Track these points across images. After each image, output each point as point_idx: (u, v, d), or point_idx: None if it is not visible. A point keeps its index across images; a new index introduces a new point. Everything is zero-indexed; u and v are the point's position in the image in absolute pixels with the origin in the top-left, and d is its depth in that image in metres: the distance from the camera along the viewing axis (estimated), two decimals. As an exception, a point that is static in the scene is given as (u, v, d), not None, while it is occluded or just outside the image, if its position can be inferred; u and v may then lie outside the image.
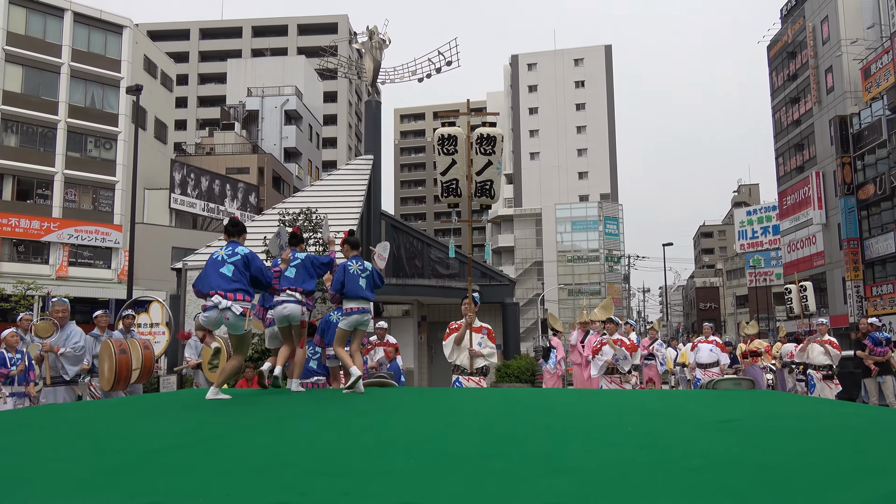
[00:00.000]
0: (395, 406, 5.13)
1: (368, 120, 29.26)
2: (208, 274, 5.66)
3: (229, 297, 5.53)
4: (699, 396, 6.06)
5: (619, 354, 9.50)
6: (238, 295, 5.59)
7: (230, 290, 5.56)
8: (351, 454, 2.83)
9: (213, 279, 5.60)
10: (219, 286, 5.54)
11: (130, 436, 3.50)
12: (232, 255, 5.75)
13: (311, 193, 26.32)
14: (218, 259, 5.75)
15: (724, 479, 2.28)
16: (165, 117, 43.01)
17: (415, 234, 29.02)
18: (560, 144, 69.62)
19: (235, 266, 5.67)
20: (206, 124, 63.02)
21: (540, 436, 3.42)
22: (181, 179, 40.56)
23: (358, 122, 74.05)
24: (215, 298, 5.52)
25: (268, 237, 19.57)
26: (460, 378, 7.43)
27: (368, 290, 6.43)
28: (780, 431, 3.54)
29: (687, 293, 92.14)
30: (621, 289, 63.69)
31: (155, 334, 14.54)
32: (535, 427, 3.75)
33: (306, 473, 2.43)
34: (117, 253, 35.61)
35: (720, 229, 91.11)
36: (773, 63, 47.75)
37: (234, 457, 2.82)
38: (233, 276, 5.61)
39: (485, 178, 7.85)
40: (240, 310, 5.56)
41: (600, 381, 9.59)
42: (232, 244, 5.89)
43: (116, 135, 36.69)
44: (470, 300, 7.47)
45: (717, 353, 13.16)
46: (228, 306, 5.51)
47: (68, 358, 8.00)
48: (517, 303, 28.34)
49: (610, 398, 5.81)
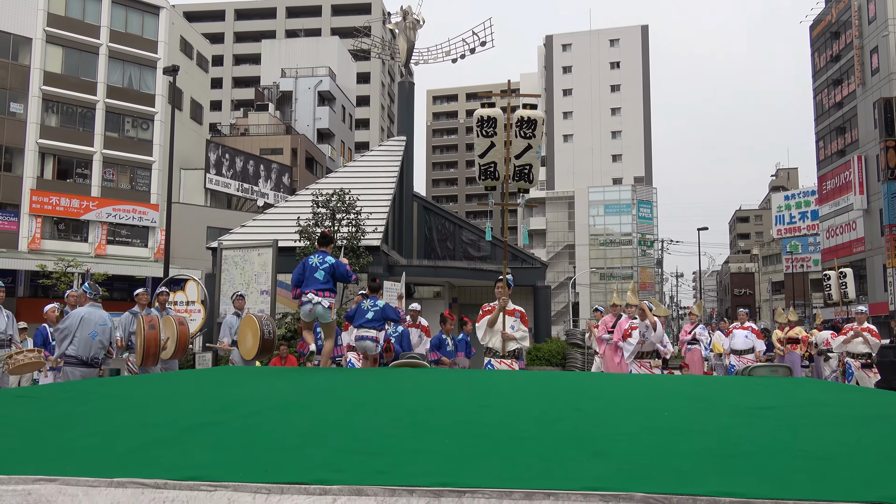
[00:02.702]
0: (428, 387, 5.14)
1: (401, 101, 29.19)
2: (306, 277, 7.52)
3: (320, 294, 7.36)
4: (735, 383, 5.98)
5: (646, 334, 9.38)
6: (326, 293, 7.43)
7: (320, 289, 7.38)
8: (386, 433, 2.84)
9: (309, 281, 7.44)
10: (314, 286, 7.39)
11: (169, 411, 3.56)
12: (322, 262, 7.58)
13: (344, 175, 26.40)
14: (312, 265, 7.57)
15: (765, 465, 2.24)
16: (201, 98, 43.43)
17: (447, 216, 29.00)
18: (594, 126, 68.86)
19: (325, 271, 7.50)
20: (240, 105, 63.53)
21: (574, 419, 3.40)
22: (216, 160, 40.99)
23: (391, 103, 73.97)
24: (310, 296, 7.37)
25: (301, 218, 19.71)
26: (492, 361, 7.43)
27: (326, 283, 7.60)
28: (819, 419, 3.48)
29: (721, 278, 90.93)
30: (654, 273, 63.08)
31: (191, 312, 14.76)
32: (568, 410, 3.73)
33: (342, 451, 2.44)
34: (154, 232, 36.20)
35: (757, 214, 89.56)
36: (816, 44, 46.55)
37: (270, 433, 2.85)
38: (323, 280, 7.43)
39: (524, 162, 7.74)
40: (327, 304, 7.41)
41: (630, 366, 9.52)
42: (322, 253, 7.74)
43: (153, 115, 37.16)
44: (504, 283, 7.44)
45: (752, 340, 12.98)
46: (319, 301, 7.36)
47: (57, 338, 8.15)
48: (548, 286, 28.23)
49: (644, 382, 5.76)
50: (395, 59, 30.27)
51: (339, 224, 19.95)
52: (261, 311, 13.34)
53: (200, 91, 43.64)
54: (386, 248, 22.70)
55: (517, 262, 26.64)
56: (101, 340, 8.04)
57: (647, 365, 9.34)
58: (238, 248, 16.20)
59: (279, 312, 17.96)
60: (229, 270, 15.44)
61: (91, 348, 7.92)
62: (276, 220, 23.30)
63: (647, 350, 9.42)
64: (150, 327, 8.48)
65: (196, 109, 42.55)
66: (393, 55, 30.62)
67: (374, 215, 21.51)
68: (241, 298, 10.62)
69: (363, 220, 20.15)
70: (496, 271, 20.02)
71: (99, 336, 8.02)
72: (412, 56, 28.09)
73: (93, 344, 7.94)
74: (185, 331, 9.01)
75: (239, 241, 20.26)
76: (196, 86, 42.53)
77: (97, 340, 7.99)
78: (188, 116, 40.90)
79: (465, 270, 24.27)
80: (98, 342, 7.99)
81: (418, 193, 29.36)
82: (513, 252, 27.32)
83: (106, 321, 8.18)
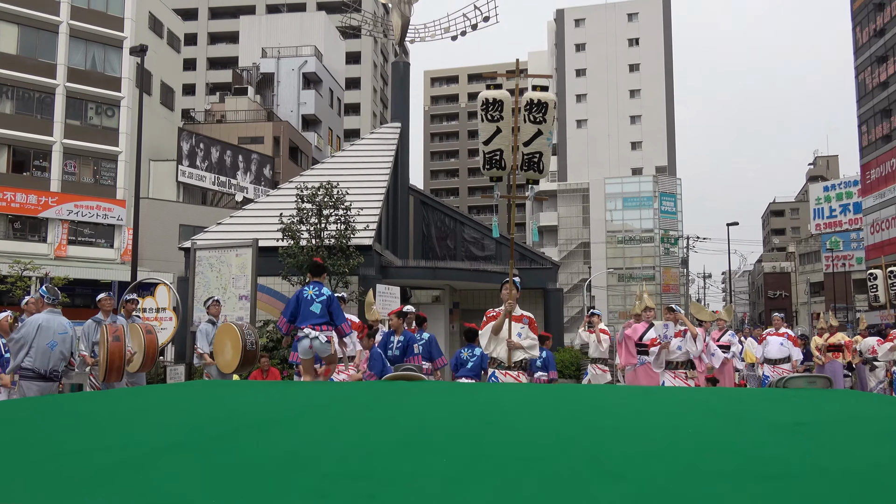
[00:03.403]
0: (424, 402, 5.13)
1: (395, 83, 29.20)
2: (301, 311, 8.06)
3: (317, 328, 7.98)
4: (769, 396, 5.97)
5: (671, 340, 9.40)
6: (324, 326, 8.05)
7: (317, 323, 8.00)
8: (376, 454, 2.83)
9: (305, 315, 8.03)
10: (310, 320, 8.00)
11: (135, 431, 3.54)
12: (319, 294, 8.15)
13: (332, 165, 26.41)
14: (307, 298, 8.15)
15: (802, 488, 2.23)
16: (172, 81, 43.47)
17: (447, 212, 29.02)
18: (610, 110, 68.96)
19: (322, 304, 8.06)
20: (216, 89, 63.60)
21: (588, 437, 3.39)
22: (189, 150, 41.02)
23: (384, 86, 74.04)
24: (307, 330, 7.99)
25: (284, 214, 19.73)
26: (496, 372, 7.43)
27: (323, 316, 8.13)
28: (863, 436, 3.46)
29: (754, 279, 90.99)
30: (678, 274, 63.14)
31: (162, 320, 14.78)
32: (582, 427, 3.72)
33: (328, 475, 2.43)
34: (120, 230, 36.25)
35: (793, 207, 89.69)
36: (858, 17, 46.57)
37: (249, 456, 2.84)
38: (320, 313, 8.01)
39: (533, 150, 7.74)
40: (325, 338, 8.05)
41: (662, 377, 9.52)
42: (317, 284, 8.30)
43: (119, 101, 37.20)
44: (510, 285, 7.44)
45: (788, 348, 12.99)
46: (317, 336, 7.97)
47: (11, 350, 8.12)
48: (560, 289, 28.26)
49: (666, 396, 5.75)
50: (388, 37, 30.27)
51: (327, 221, 19.96)
52: (240, 319, 13.34)
53: (172, 73, 43.69)
54: (379, 248, 22.71)
55: (525, 262, 26.65)
56: (61, 351, 7.98)
57: (681, 376, 9.33)
58: (214, 248, 16.20)
59: (260, 320, 17.98)
60: (204, 273, 15.44)
61: (50, 360, 7.88)
62: (257, 217, 23.32)
63: (681, 359, 9.42)
64: (115, 338, 8.48)
65: (167, 94, 42.60)
66: (386, 32, 30.62)
67: (366, 211, 21.51)
68: (216, 304, 10.63)
69: (353, 217, 20.15)
70: (502, 273, 20.02)
71: (59, 346, 7.95)
72: (407, 33, 28.10)
73: (52, 355, 7.90)
74: (154, 340, 9.03)
75: (215, 240, 20.25)
76: (167, 67, 42.58)
77: (57, 351, 7.94)
78: (158, 102, 40.95)
79: (467, 272, 24.30)
80: (58, 353, 7.94)
81: (415, 186, 29.35)
82: (521, 251, 27.33)
83: (66, 329, 8.14)
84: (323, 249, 19.48)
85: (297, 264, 19.24)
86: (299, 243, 19.47)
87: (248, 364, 9.17)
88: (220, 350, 9.18)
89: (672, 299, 57.26)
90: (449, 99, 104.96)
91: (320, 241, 19.68)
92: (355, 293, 19.25)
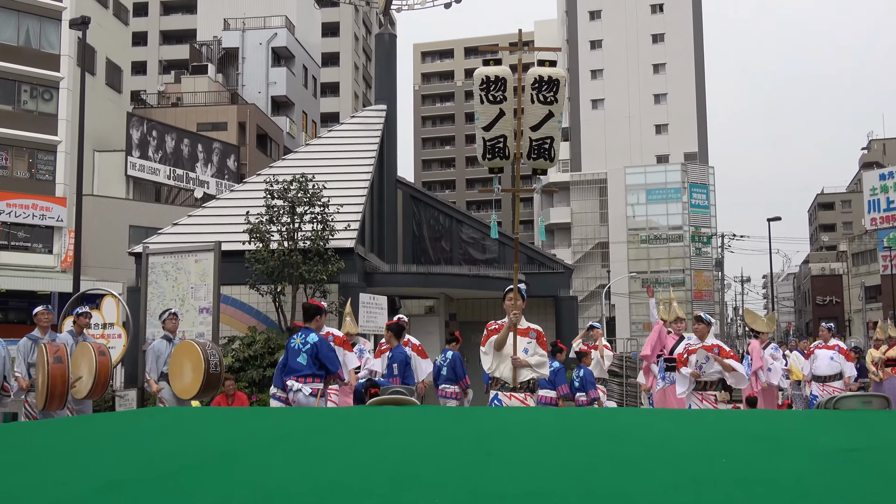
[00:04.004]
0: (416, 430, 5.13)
1: (380, 59, 29.24)
2: (287, 361, 8.60)
3: (300, 380, 8.42)
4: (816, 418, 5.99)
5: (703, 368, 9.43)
6: (308, 378, 8.46)
7: (301, 375, 8.46)
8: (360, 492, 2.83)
9: (291, 366, 8.55)
10: (294, 372, 8.51)
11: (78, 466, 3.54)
12: (304, 343, 8.60)
13: (307, 155, 26.42)
14: (294, 348, 8.67)
15: (853, 527, 2.24)
16: (120, 59, 43.43)
17: (441, 208, 29.05)
18: (631, 88, 69.09)
19: (307, 354, 8.46)
20: (171, 67, 63.56)
21: (607, 469, 3.40)
22: (140, 138, 41.00)
23: (367, 62, 74.13)
24: (290, 383, 8.45)
25: (251, 213, 19.74)
26: (500, 395, 7.43)
27: (309, 367, 8.59)
28: (926, 465, 3.47)
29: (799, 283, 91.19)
30: (712, 278, 63.27)
31: (109, 337, 14.76)
32: (600, 457, 3.73)
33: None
34: (60, 233, 36.21)
35: (844, 199, 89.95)
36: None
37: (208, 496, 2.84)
38: (306, 364, 8.44)
39: (543, 135, 7.72)
40: (309, 390, 8.40)
41: (688, 400, 9.52)
42: (306, 331, 8.78)
43: (58, 82, 37.17)
44: (515, 293, 7.45)
45: (839, 363, 13.02)
46: (300, 388, 8.35)
47: None
48: (575, 296, 28.30)
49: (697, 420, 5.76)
50: (370, 5, 30.32)
51: (301, 220, 19.96)
52: (200, 335, 13.35)
53: (119, 50, 43.65)
54: (362, 251, 22.73)
55: (534, 265, 26.68)
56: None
57: (710, 399, 9.32)
58: (170, 252, 16.19)
59: (224, 336, 17.98)
60: (158, 282, 15.43)
61: (-22, 385, 7.91)
62: (220, 217, 23.32)
63: (710, 379, 9.42)
64: (57, 359, 8.46)
65: (113, 73, 42.56)
66: (368, 0, 30.65)
67: (347, 208, 21.53)
68: (173, 318, 10.63)
69: (332, 215, 20.16)
70: (506, 279, 20.04)
71: (-12, 369, 7.98)
72: (393, 1, 28.12)
73: (-20, 379, 7.93)
74: (107, 363, 9.03)
75: (171, 243, 20.24)
76: (113, 43, 42.54)
77: (-14, 375, 7.97)
78: (103, 83, 40.92)
79: (465, 278, 24.32)
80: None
81: (404, 179, 29.38)
82: (528, 253, 27.37)
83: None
84: (297, 253, 19.47)
85: (267, 271, 19.21)
86: (269, 246, 19.44)
87: (210, 388, 9.15)
88: (178, 372, 9.14)
89: (705, 308, 57.41)
90: (443, 76, 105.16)
91: (294, 244, 19.65)
92: (335, 304, 19.26)
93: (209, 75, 51.67)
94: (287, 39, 54.25)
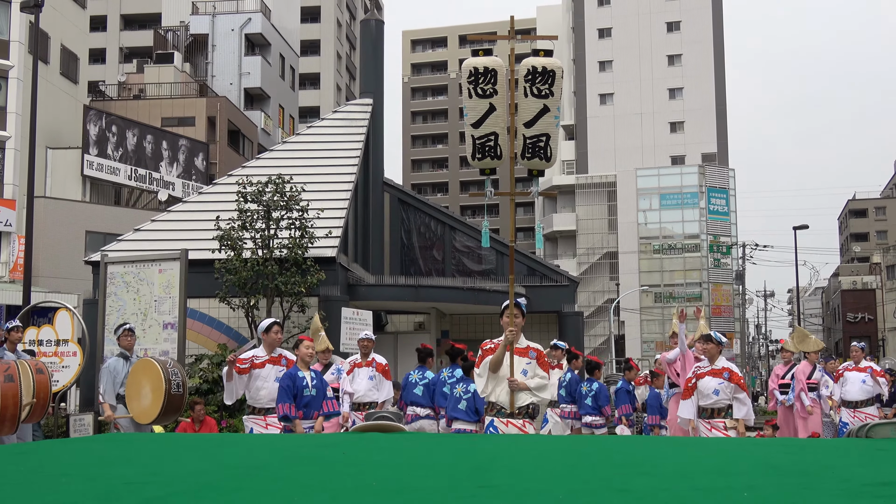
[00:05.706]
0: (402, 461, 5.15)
1: (366, 48, 29.26)
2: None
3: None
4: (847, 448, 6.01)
5: None
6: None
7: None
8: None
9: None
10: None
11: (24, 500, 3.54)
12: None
13: (284, 154, 26.40)
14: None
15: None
16: (76, 46, 43.35)
17: (432, 213, 29.04)
18: (643, 82, 69.26)
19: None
20: (133, 55, 63.50)
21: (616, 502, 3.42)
22: (98, 134, 40.93)
23: (350, 51, 74.20)
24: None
25: (221, 218, 19.72)
26: (496, 421, 7.42)
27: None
28: (966, 500, 3.50)
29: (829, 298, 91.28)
30: (732, 292, 63.33)
31: (63, 355, 14.69)
32: (607, 490, 3.75)
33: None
34: (9, 239, 36.08)
35: (878, 205, 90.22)
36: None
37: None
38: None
39: (537, 132, 7.75)
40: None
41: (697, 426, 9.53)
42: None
43: (7, 71, 37.09)
44: (512, 309, 7.45)
45: (873, 386, 13.03)
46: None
47: None
48: (580, 312, 28.31)
49: (716, 450, 5.78)
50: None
51: (277, 226, 19.94)
52: (164, 353, 13.31)
53: (75, 35, 43.58)
54: (345, 261, 22.71)
55: (535, 278, 26.68)
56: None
57: (719, 426, 9.33)
58: (131, 261, 16.16)
59: (191, 354, 17.94)
60: (118, 294, 15.39)
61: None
62: (187, 222, 23.27)
63: (718, 405, 9.43)
64: (7, 378, 8.40)
65: (69, 62, 42.49)
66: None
67: (328, 213, 21.51)
68: (129, 334, 10.57)
69: (312, 221, 20.13)
70: (504, 292, 20.03)
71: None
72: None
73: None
74: (46, 382, 8.91)
75: (132, 251, 20.19)
76: (69, 28, 42.48)
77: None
78: (57, 72, 40.86)
79: (459, 291, 24.30)
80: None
81: (391, 181, 29.38)
82: (529, 264, 27.39)
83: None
84: (272, 263, 19.44)
85: (239, 282, 19.15)
86: (241, 255, 19.40)
87: (172, 412, 9.11)
88: (136, 394, 9.10)
89: (724, 325, 57.45)
90: (435, 67, 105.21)
91: (269, 253, 19.61)
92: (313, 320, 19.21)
93: (175, 64, 51.57)
94: (262, 25, 54.23)
